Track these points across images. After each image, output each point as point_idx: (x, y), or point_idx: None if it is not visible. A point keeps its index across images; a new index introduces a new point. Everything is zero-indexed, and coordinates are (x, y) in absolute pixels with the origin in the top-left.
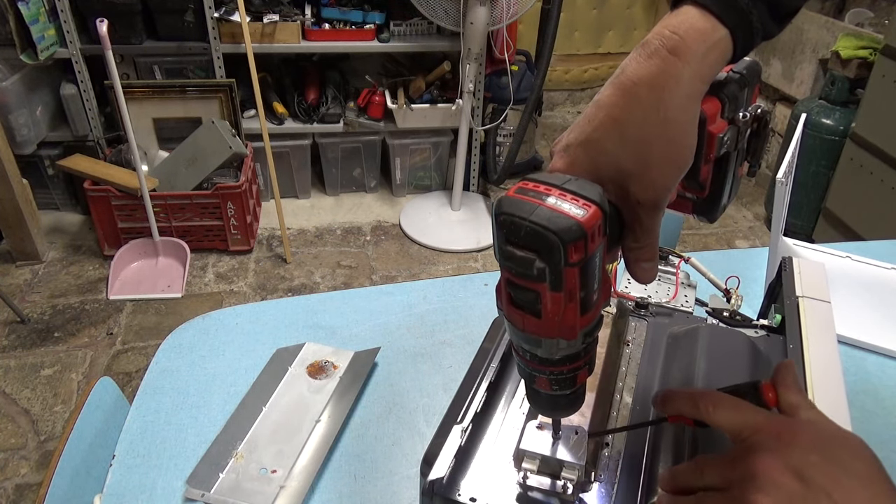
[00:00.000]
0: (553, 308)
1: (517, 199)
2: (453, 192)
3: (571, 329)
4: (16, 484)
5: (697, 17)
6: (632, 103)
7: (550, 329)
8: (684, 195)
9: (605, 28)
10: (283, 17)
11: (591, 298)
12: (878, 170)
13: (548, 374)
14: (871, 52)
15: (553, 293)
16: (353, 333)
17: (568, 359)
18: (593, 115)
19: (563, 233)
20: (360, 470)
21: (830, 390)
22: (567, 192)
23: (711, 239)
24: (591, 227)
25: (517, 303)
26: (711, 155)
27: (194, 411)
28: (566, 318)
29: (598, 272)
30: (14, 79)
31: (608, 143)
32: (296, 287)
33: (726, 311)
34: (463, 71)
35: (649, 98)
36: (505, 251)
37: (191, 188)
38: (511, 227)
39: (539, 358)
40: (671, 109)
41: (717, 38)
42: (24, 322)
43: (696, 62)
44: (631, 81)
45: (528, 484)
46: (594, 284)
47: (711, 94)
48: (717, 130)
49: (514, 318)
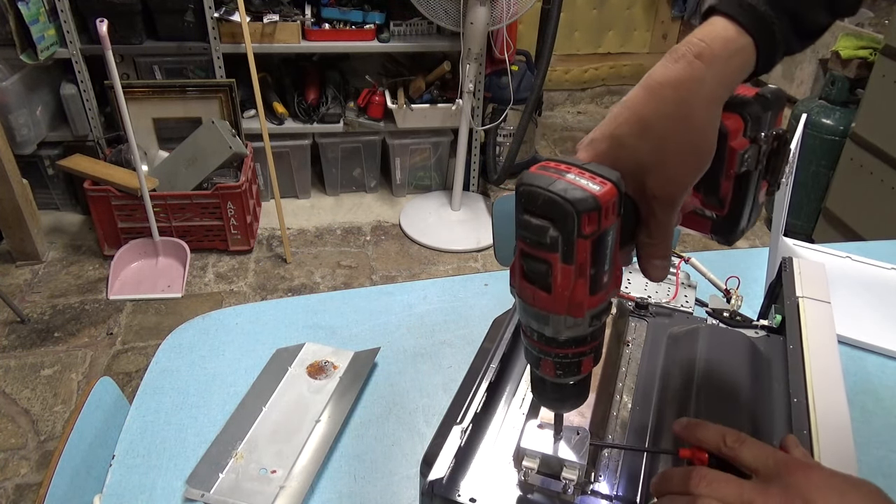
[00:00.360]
0: (563, 282)
1: (538, 173)
2: (453, 192)
3: (579, 306)
4: (16, 484)
5: (723, 26)
6: (656, 102)
7: (559, 304)
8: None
9: (605, 28)
10: (283, 17)
11: (602, 280)
12: (878, 170)
13: (553, 356)
14: (871, 52)
15: (564, 265)
16: (353, 333)
17: (574, 341)
18: (619, 112)
19: (577, 202)
20: (360, 470)
21: (830, 390)
22: (586, 170)
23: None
24: (606, 201)
25: (529, 276)
26: (732, 171)
27: (194, 411)
28: (575, 294)
29: (611, 254)
30: (14, 79)
31: (630, 138)
32: (296, 287)
33: (726, 311)
34: (463, 71)
35: (673, 98)
36: (521, 220)
37: (191, 188)
38: (529, 196)
39: (546, 338)
40: (693, 109)
41: (741, 46)
42: (24, 322)
43: (720, 67)
44: (657, 83)
45: (529, 484)
46: (605, 265)
47: (735, 112)
48: (739, 147)
49: (525, 293)
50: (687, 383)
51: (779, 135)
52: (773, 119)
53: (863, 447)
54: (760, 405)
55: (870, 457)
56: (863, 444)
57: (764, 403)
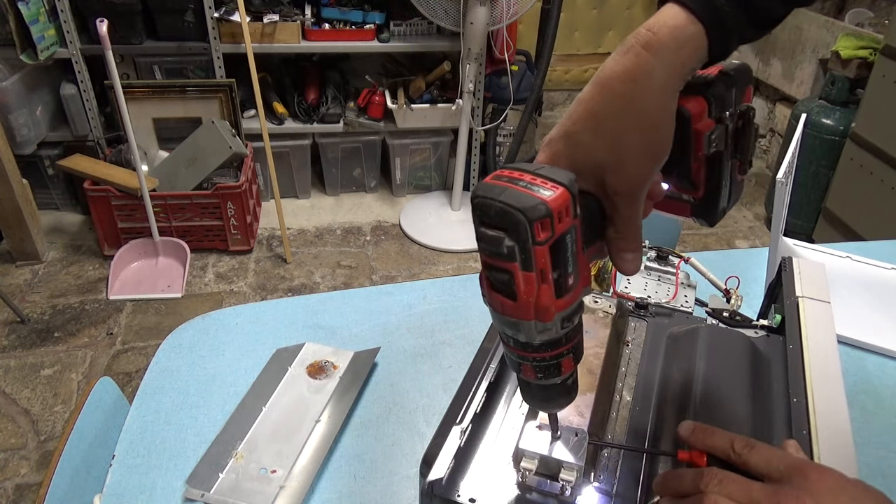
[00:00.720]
0: (526, 288)
1: (491, 183)
2: (453, 192)
3: (546, 310)
4: (16, 484)
5: (673, 14)
6: (606, 97)
7: (526, 311)
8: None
9: (605, 28)
10: (283, 17)
11: (567, 282)
12: (878, 170)
13: (531, 360)
14: (871, 52)
15: (525, 272)
16: (353, 333)
17: (548, 345)
18: (573, 110)
19: (528, 210)
20: (360, 470)
21: (830, 390)
22: (538, 176)
23: (711, 239)
24: (558, 206)
25: (495, 285)
26: (700, 153)
27: (194, 411)
28: (540, 299)
29: (572, 256)
30: (14, 79)
31: (585, 135)
32: (296, 287)
33: (726, 311)
34: (463, 71)
35: (623, 91)
36: (479, 232)
37: (191, 188)
38: (483, 208)
39: (521, 343)
40: (644, 101)
41: (690, 34)
42: (24, 322)
43: (669, 56)
44: (606, 77)
45: (527, 485)
46: (568, 267)
47: (697, 94)
48: (704, 129)
49: (494, 302)
50: (687, 383)
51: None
52: (740, 96)
53: (863, 447)
54: (760, 405)
55: (870, 457)
56: (863, 444)
57: (763, 403)
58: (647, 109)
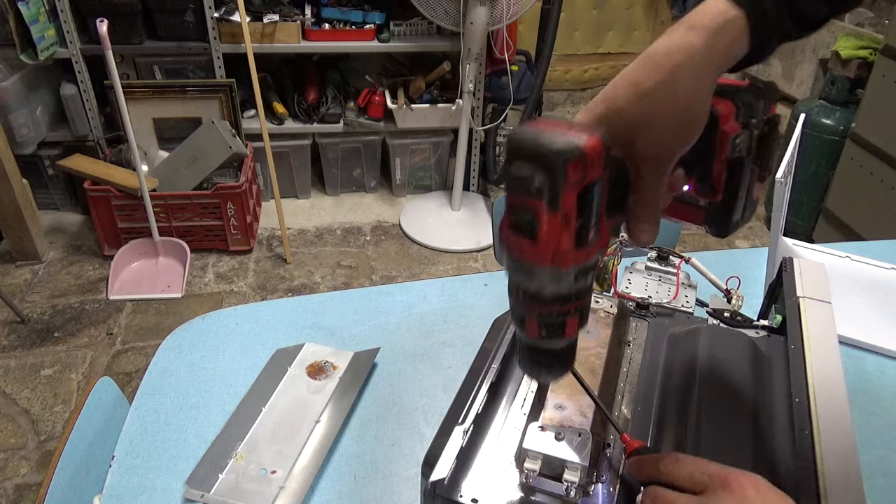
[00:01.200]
0: (549, 230)
1: (528, 127)
2: (453, 192)
3: (564, 255)
4: (16, 484)
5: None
6: (649, 67)
7: (545, 254)
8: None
9: (605, 28)
10: (283, 17)
11: (588, 234)
12: (878, 170)
13: (538, 315)
14: (871, 52)
15: (550, 213)
16: (353, 334)
17: (558, 298)
18: (617, 80)
19: (564, 150)
20: (360, 470)
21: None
22: (574, 125)
23: (711, 239)
24: (592, 151)
25: (517, 225)
26: (724, 155)
27: (194, 411)
28: (561, 243)
29: (597, 210)
30: (14, 79)
31: (623, 101)
32: (296, 287)
33: (727, 311)
34: (463, 71)
35: (664, 63)
36: (510, 170)
37: (191, 188)
38: (518, 146)
39: (531, 294)
40: (683, 76)
41: (731, 17)
42: (24, 322)
43: (710, 37)
44: (652, 51)
45: (531, 485)
46: (591, 220)
47: (726, 98)
48: (731, 131)
49: (512, 245)
50: (688, 384)
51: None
52: (766, 109)
53: (863, 447)
54: (761, 405)
55: (870, 457)
56: (863, 444)
57: (765, 403)
58: (685, 85)
